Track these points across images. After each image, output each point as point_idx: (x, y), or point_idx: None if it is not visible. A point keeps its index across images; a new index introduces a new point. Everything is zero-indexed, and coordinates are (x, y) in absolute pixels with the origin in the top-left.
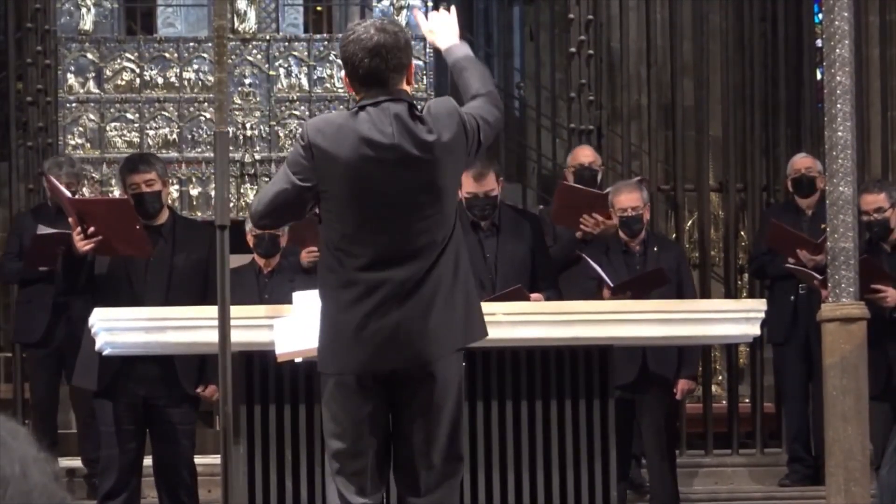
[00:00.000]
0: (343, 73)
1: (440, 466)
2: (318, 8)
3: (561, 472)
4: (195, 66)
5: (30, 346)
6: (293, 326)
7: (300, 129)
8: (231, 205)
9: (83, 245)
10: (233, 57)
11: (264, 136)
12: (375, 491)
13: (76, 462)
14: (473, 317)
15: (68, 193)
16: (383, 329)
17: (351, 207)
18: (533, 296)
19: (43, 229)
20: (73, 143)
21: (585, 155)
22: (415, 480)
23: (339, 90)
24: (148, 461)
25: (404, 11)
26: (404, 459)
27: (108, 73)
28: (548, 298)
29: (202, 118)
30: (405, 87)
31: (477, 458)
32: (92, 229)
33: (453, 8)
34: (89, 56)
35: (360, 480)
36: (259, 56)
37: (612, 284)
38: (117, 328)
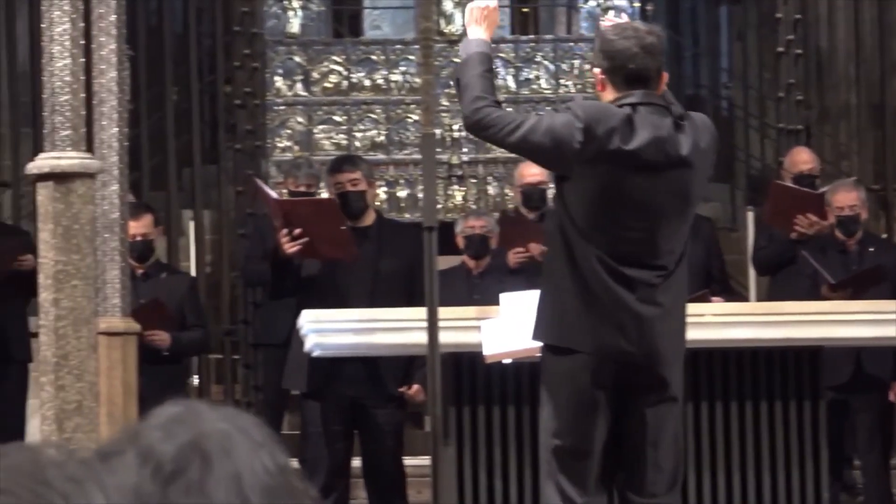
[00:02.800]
0: (598, 69)
1: (670, 470)
2: (525, 9)
3: (772, 474)
4: (402, 68)
5: (272, 347)
6: (501, 327)
7: (570, 106)
8: (438, 206)
9: (290, 247)
10: (439, 59)
11: (471, 137)
12: (599, 493)
13: (292, 463)
14: (684, 336)
15: (274, 195)
16: (623, 313)
17: (604, 198)
18: (714, 299)
19: None
20: (281, 145)
21: (804, 161)
22: (641, 481)
23: (546, 91)
24: (357, 462)
25: (611, 12)
26: (631, 459)
27: (316, 75)
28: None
29: (409, 120)
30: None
31: (687, 459)
32: (298, 231)
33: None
34: (297, 59)
35: (584, 481)
36: None
37: (832, 281)
38: (326, 329)
